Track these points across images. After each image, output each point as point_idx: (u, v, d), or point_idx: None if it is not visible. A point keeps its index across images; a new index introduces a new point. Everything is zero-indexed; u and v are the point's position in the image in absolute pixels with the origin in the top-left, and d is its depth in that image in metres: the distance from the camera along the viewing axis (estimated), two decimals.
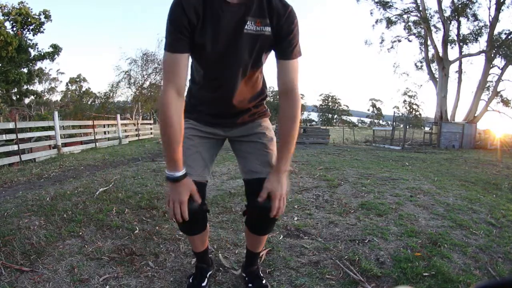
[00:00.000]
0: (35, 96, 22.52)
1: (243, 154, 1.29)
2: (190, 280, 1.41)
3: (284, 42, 1.07)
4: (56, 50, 15.95)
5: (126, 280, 1.49)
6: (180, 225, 1.23)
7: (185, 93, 1.11)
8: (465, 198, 3.17)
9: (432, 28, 17.16)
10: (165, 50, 1.03)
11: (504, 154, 10.84)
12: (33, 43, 15.30)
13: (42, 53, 15.72)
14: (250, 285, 1.39)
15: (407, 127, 17.57)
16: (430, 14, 17.25)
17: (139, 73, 18.19)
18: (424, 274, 1.58)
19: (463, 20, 16.86)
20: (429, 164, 6.75)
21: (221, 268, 1.61)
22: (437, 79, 17.18)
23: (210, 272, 1.46)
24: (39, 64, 18.94)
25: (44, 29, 15.23)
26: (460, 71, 17.24)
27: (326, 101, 58.97)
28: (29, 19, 14.53)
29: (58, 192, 3.05)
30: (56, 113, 7.48)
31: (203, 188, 1.20)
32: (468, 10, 16.39)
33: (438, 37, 17.18)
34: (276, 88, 1.18)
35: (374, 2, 18.21)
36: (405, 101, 47.61)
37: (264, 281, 1.41)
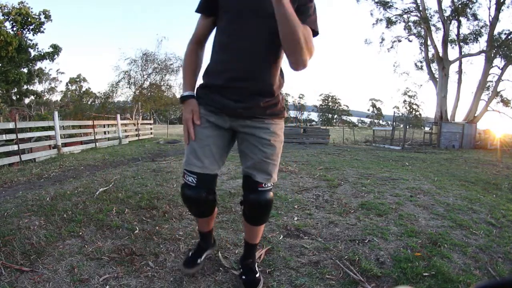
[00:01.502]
0: (35, 96, 22.52)
1: (244, 154, 1.33)
2: (189, 254, 1.53)
3: (301, 6, 1.12)
4: (56, 50, 15.94)
5: (126, 280, 1.49)
6: (190, 209, 1.44)
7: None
8: (465, 198, 3.17)
9: (432, 28, 17.18)
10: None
11: (504, 154, 10.85)
12: (33, 43, 15.29)
13: (42, 53, 15.71)
14: (243, 277, 1.43)
15: (407, 127, 17.58)
16: (430, 14, 17.29)
17: (139, 73, 18.19)
18: (424, 274, 1.58)
19: (463, 20, 16.90)
20: (429, 164, 6.75)
21: (221, 268, 1.61)
22: (437, 79, 17.19)
23: (208, 251, 1.58)
24: (39, 64, 18.95)
25: (44, 29, 15.22)
26: (460, 71, 17.26)
27: (326, 101, 59.00)
28: (29, 19, 14.52)
29: (58, 192, 3.05)
30: (56, 113, 7.47)
31: (213, 179, 1.32)
32: (468, 10, 16.42)
33: (438, 37, 17.23)
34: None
35: (374, 2, 18.26)
36: (405, 101, 47.65)
37: (257, 275, 1.43)
